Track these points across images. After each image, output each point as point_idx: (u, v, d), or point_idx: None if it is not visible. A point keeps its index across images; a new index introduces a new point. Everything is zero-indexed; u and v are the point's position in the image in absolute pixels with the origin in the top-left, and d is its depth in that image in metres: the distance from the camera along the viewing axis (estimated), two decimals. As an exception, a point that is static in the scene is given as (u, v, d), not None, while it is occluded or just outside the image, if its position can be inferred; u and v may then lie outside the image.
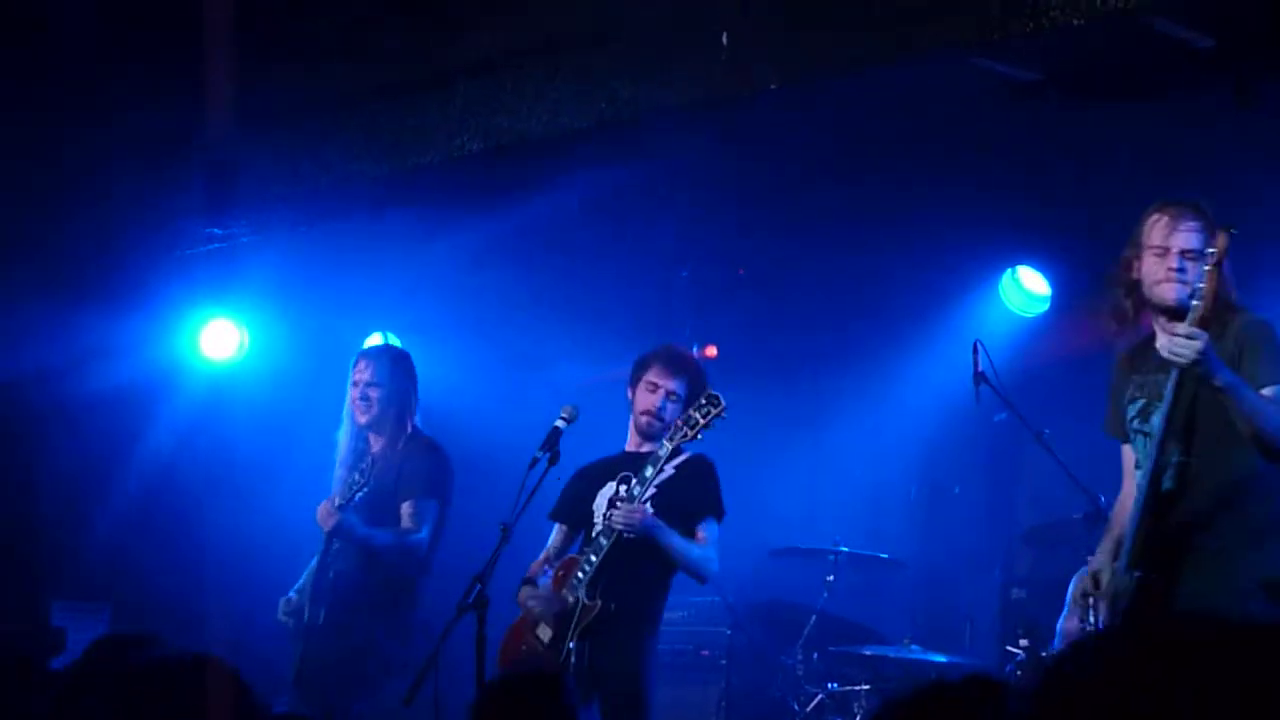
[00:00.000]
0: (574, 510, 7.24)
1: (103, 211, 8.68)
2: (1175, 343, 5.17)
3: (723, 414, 6.78)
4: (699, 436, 6.83)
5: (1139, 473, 5.62)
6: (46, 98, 8.31)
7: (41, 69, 8.19)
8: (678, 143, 7.54)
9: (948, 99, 6.80)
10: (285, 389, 9.67)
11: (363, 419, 7.62)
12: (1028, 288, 9.28)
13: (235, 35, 8.00)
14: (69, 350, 8.96)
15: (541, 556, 7.27)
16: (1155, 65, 6.32)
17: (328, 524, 7.27)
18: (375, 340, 9.76)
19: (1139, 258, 5.61)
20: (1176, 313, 5.45)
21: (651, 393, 7.11)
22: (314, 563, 7.51)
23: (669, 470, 6.97)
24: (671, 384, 7.10)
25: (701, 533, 6.98)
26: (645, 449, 7.12)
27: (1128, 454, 5.87)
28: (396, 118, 7.83)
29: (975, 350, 8.30)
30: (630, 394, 7.21)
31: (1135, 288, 5.64)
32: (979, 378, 8.31)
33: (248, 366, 9.73)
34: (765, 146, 7.69)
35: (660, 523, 6.82)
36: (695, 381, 7.14)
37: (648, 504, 6.83)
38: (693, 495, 6.98)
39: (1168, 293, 5.51)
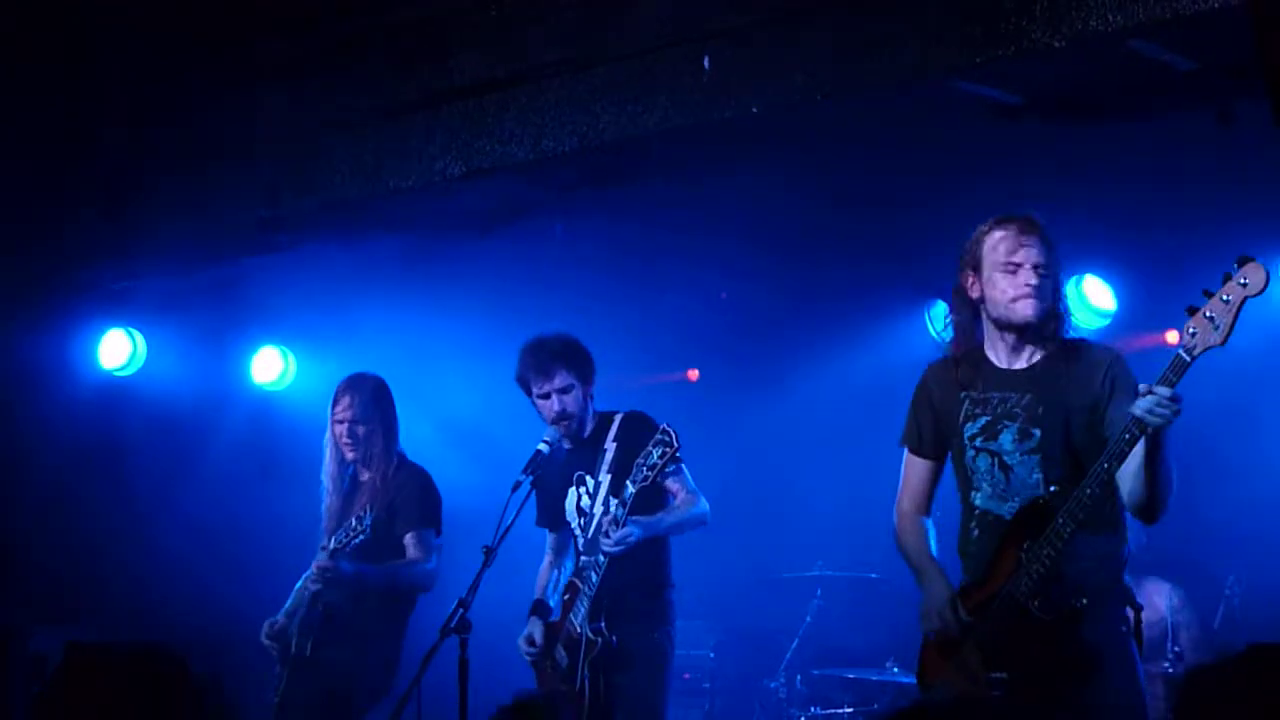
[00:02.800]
0: (551, 516, 7.26)
1: (82, 235, 8.66)
2: (1159, 403, 4.89)
3: (676, 453, 6.67)
4: (657, 479, 6.74)
5: (979, 494, 5.51)
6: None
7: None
8: (660, 167, 7.54)
9: (931, 122, 6.81)
10: (268, 411, 9.67)
11: (351, 455, 7.57)
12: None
13: (219, 59, 8.04)
14: (47, 376, 8.94)
15: (546, 563, 7.33)
16: (1137, 88, 6.34)
17: (326, 578, 7.20)
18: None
19: (978, 274, 5.54)
20: (1026, 330, 5.42)
21: (546, 401, 7.09)
22: (299, 586, 7.47)
23: (610, 448, 6.95)
24: (554, 383, 7.06)
25: (679, 490, 6.93)
26: (581, 441, 7.12)
27: (919, 466, 5.85)
28: (377, 141, 7.82)
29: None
30: (536, 408, 7.18)
31: (974, 304, 5.59)
32: (962, 401, 8.32)
33: (231, 389, 9.72)
34: (747, 170, 7.69)
35: (647, 525, 6.77)
36: (571, 362, 7.09)
37: (629, 523, 6.75)
38: (652, 457, 6.76)
39: (1026, 309, 5.40)
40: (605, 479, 6.96)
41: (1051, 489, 5.32)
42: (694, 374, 10.51)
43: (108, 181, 8.57)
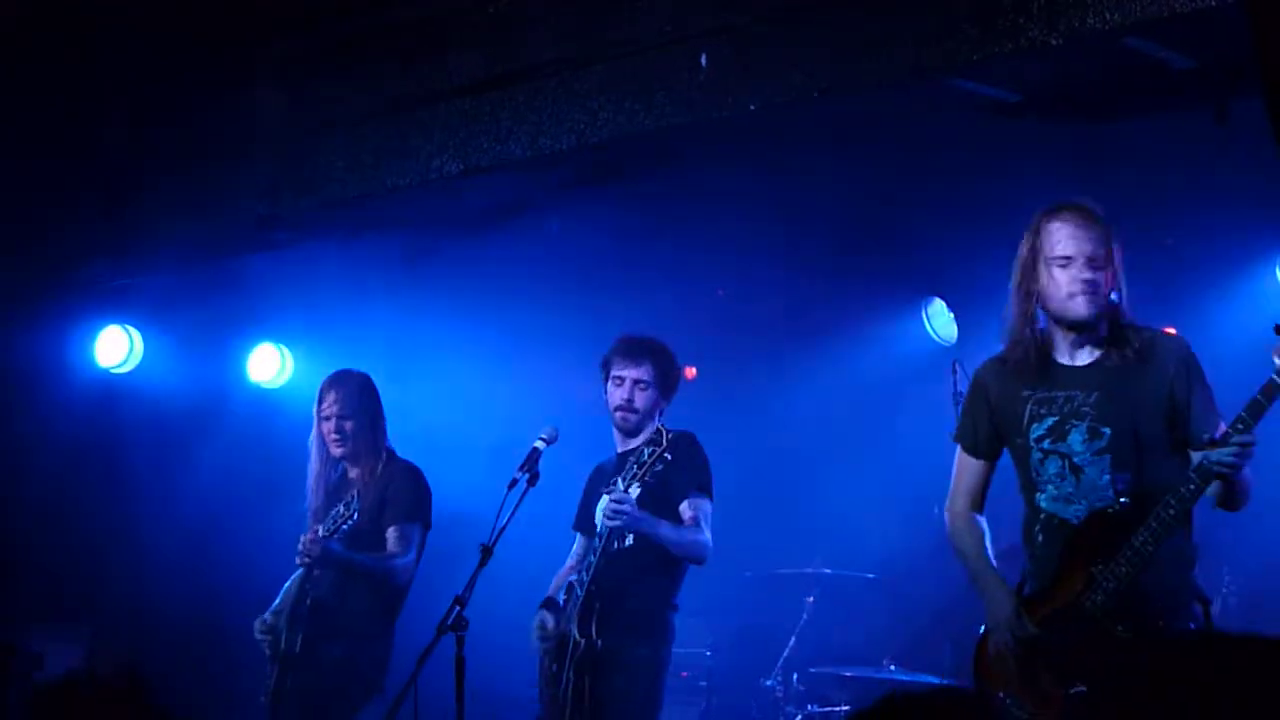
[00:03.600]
0: (585, 518, 7.25)
1: (80, 233, 8.66)
2: (1235, 454, 4.88)
3: (665, 453, 6.60)
4: (648, 479, 6.71)
5: (1043, 496, 5.37)
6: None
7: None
8: (658, 165, 7.55)
9: (928, 120, 6.81)
10: (265, 409, 9.68)
11: (338, 451, 7.54)
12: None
13: (219, 58, 8.05)
14: (43, 374, 8.94)
15: (566, 567, 7.29)
16: (1134, 86, 6.33)
17: (313, 553, 7.22)
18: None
19: (1034, 267, 5.35)
20: (1083, 326, 5.29)
21: (619, 387, 7.09)
22: (288, 585, 7.47)
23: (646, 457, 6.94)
24: (635, 372, 7.07)
25: (688, 511, 6.90)
26: (632, 444, 7.08)
27: (972, 465, 5.66)
28: (375, 139, 7.83)
29: (954, 370, 8.32)
30: (606, 395, 7.19)
31: (1031, 298, 5.37)
32: (958, 398, 8.32)
33: (228, 387, 9.72)
34: (745, 168, 7.70)
35: (646, 515, 6.75)
36: (659, 362, 7.10)
37: (633, 494, 6.70)
38: (677, 474, 6.84)
39: (1080, 306, 5.27)
40: (636, 488, 6.90)
41: (1122, 501, 5.20)
42: (691, 371, 10.50)
43: (107, 180, 8.57)
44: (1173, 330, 8.23)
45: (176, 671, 8.23)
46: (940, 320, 9.64)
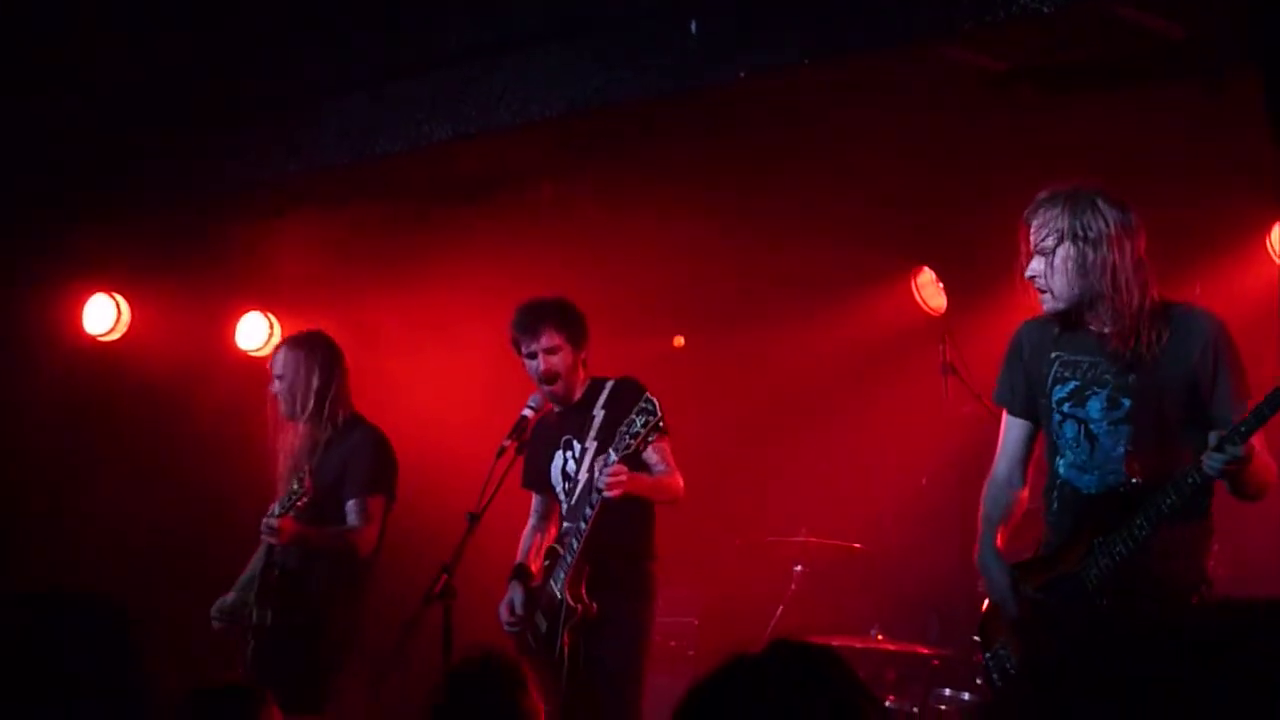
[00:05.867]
0: (536, 478, 7.26)
1: (65, 198, 8.62)
2: (1225, 461, 4.84)
3: (659, 423, 6.58)
4: (644, 447, 6.70)
5: (1062, 461, 5.38)
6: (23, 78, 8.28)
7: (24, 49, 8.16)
8: (647, 133, 7.52)
9: (918, 88, 6.78)
10: (254, 377, 9.64)
11: (283, 409, 7.53)
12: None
13: (209, 23, 8.00)
14: (29, 343, 8.90)
15: (530, 526, 7.32)
16: (1126, 56, 6.31)
17: (274, 540, 7.18)
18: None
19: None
20: (1069, 316, 5.27)
21: (531, 360, 7.09)
22: (254, 559, 7.45)
23: (599, 414, 6.93)
24: (539, 342, 7.07)
25: (654, 455, 6.88)
26: (571, 405, 7.12)
27: (1016, 427, 5.58)
28: (364, 106, 7.79)
29: (944, 340, 8.31)
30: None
31: None
32: (947, 368, 8.33)
33: (213, 355, 9.68)
34: (733, 135, 7.67)
35: (638, 478, 6.73)
36: (557, 319, 7.09)
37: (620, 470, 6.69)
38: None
39: (1044, 306, 5.29)
40: (591, 445, 6.94)
41: (1133, 481, 5.18)
42: (679, 340, 10.49)
43: (94, 147, 8.52)
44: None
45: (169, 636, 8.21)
46: (929, 290, 9.62)
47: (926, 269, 9.59)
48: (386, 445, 7.53)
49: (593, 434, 6.95)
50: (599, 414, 6.98)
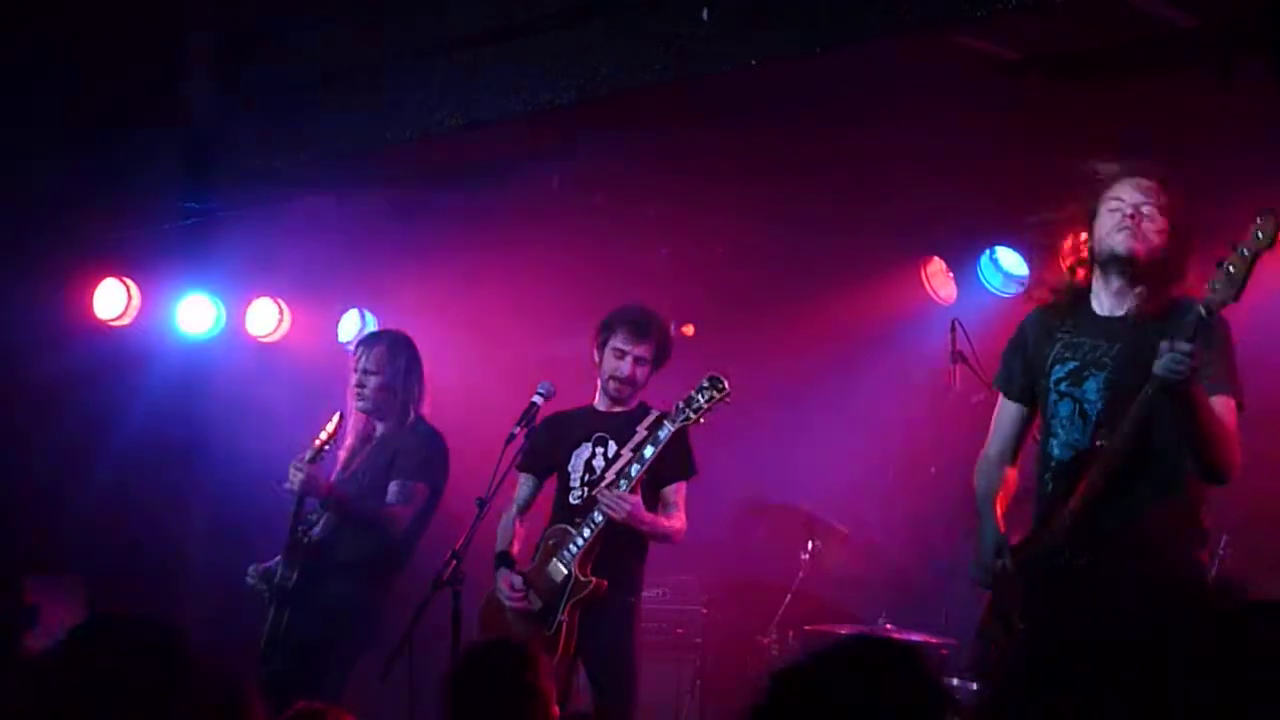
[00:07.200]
0: (543, 462, 7.26)
1: (74, 185, 8.61)
2: (1176, 359, 4.93)
3: (727, 398, 6.75)
4: (701, 420, 6.80)
5: (1055, 441, 5.48)
6: (15, 68, 8.25)
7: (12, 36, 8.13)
8: (658, 120, 7.51)
9: (929, 76, 6.77)
10: (263, 364, 9.64)
11: (357, 405, 7.60)
12: (1006, 268, 9.26)
13: (216, 9, 8.00)
14: (42, 327, 8.89)
15: (511, 514, 7.27)
16: (1136, 44, 6.29)
17: (295, 480, 7.22)
18: (352, 318, 9.76)
19: (1093, 220, 5.49)
20: (1121, 266, 5.37)
21: (619, 359, 7.12)
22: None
23: (640, 433, 6.96)
24: (639, 349, 7.11)
25: (672, 496, 7.03)
26: (617, 410, 7.16)
27: (1010, 410, 5.75)
28: (374, 93, 7.79)
29: (953, 329, 8.30)
30: (596, 357, 7.20)
31: (1082, 253, 5.55)
32: (956, 357, 8.32)
33: (224, 341, 9.68)
34: (745, 123, 7.66)
35: (642, 512, 6.85)
36: (660, 339, 7.18)
37: (636, 494, 6.82)
38: (667, 460, 6.96)
39: (1119, 241, 5.36)
40: (627, 454, 6.96)
41: (1099, 443, 5.29)
42: (689, 329, 10.47)
43: (100, 132, 8.52)
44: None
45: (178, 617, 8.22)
46: (939, 279, 9.61)
47: (936, 259, 9.58)
48: (437, 440, 7.60)
49: (630, 446, 6.97)
50: (640, 432, 6.99)
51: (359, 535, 7.35)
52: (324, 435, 7.33)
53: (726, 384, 6.76)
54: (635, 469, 6.81)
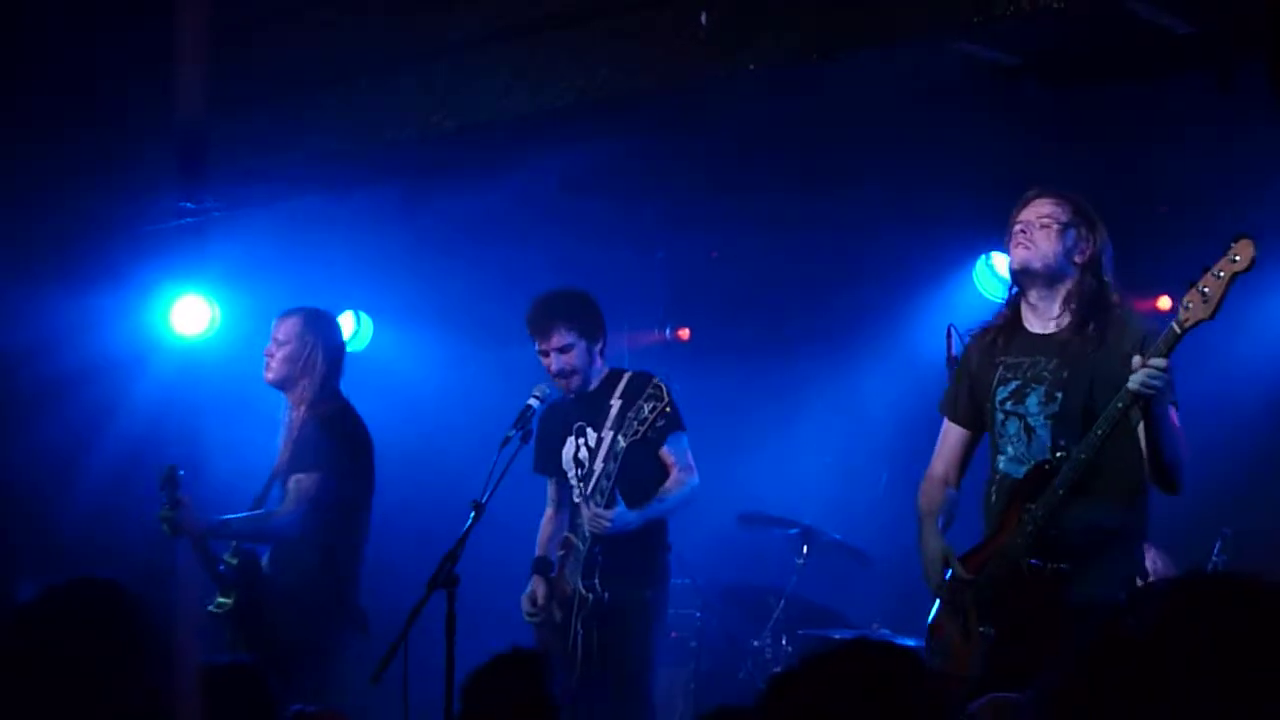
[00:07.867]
0: (549, 463, 7.31)
1: (71, 185, 8.60)
2: (1151, 375, 5.08)
3: (668, 407, 6.70)
4: (651, 433, 6.77)
5: (1002, 458, 5.67)
6: (11, 69, 8.24)
7: (9, 40, 8.12)
8: (655, 124, 7.51)
9: (927, 82, 6.77)
10: (256, 365, 9.62)
11: (266, 377, 7.40)
12: (1002, 273, 9.24)
13: (211, 8, 7.97)
14: (37, 329, 8.87)
15: (546, 516, 7.35)
16: (1136, 50, 6.30)
17: (166, 529, 7.05)
18: (348, 320, 9.72)
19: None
20: (1024, 280, 5.62)
21: (545, 359, 7.15)
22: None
23: (615, 404, 6.95)
24: (551, 342, 7.12)
25: (670, 455, 7.01)
26: (589, 391, 7.16)
27: (953, 431, 5.96)
28: (373, 94, 7.79)
29: (948, 335, 8.29)
30: None
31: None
32: (952, 363, 8.31)
33: (219, 342, 9.66)
34: (742, 128, 7.66)
35: (628, 517, 6.85)
36: (569, 316, 7.12)
37: (611, 511, 6.81)
38: (653, 425, 6.84)
39: (1015, 257, 5.62)
40: (607, 435, 6.96)
41: (1059, 454, 5.42)
42: (685, 333, 10.48)
43: (98, 136, 8.51)
44: (1166, 301, 8.24)
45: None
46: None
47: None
48: (339, 422, 7.29)
49: (609, 423, 6.98)
50: (615, 404, 7.00)
51: (284, 548, 7.20)
52: (165, 477, 7.09)
53: (665, 394, 6.70)
54: (605, 484, 6.80)
